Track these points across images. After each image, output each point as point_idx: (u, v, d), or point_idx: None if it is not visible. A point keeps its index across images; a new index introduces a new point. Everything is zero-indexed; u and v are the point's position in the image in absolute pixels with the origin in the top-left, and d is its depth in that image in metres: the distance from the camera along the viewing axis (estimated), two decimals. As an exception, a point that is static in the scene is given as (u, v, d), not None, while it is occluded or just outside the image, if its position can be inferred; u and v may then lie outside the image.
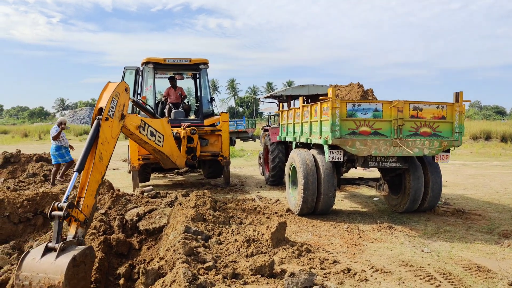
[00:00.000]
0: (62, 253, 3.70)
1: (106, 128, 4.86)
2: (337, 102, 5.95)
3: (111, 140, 4.96)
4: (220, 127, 9.93)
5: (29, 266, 3.63)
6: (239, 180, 11.54)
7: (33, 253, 3.74)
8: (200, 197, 6.38)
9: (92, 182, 4.48)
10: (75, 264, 3.65)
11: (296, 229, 6.08)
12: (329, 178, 6.48)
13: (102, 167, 4.68)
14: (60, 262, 3.59)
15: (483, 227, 6.13)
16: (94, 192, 4.50)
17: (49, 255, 3.67)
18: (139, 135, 6.23)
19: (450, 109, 6.20)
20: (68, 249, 3.78)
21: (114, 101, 5.07)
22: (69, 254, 3.67)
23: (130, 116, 5.94)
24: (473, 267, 4.39)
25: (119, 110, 5.21)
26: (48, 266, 3.59)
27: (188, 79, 11.73)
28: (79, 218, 4.14)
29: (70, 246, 3.85)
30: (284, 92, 10.54)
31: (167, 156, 7.62)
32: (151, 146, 6.92)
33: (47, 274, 3.55)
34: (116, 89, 5.13)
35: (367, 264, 4.46)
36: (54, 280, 3.52)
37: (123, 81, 5.38)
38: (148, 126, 6.56)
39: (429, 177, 6.75)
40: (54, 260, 3.61)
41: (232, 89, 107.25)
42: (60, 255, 3.66)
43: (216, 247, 4.77)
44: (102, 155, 4.69)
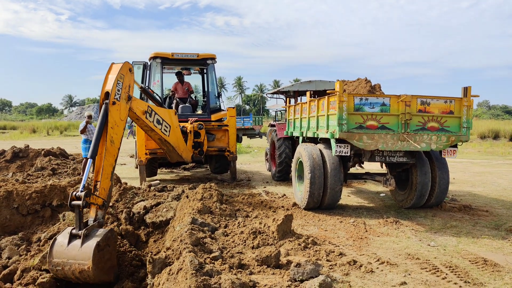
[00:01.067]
0: (86, 239, 4.02)
1: (114, 112, 4.95)
2: (345, 96, 5.94)
3: (120, 123, 5.07)
4: (227, 122, 9.96)
5: (58, 253, 4.00)
6: (245, 175, 11.55)
7: (60, 240, 4.06)
8: (207, 190, 6.41)
9: (106, 165, 4.66)
10: (100, 249, 4.00)
11: (302, 222, 6.09)
12: (335, 172, 6.48)
13: (114, 151, 4.84)
14: (86, 249, 3.95)
15: (490, 223, 6.09)
16: (109, 175, 4.69)
17: (75, 242, 4.01)
18: (145, 120, 6.28)
19: (458, 104, 6.17)
20: (91, 234, 4.09)
21: (120, 84, 5.13)
22: (93, 240, 4.00)
23: (137, 100, 6.02)
24: (480, 260, 4.38)
25: (125, 92, 5.27)
26: (76, 253, 3.96)
27: (196, 74, 11.75)
28: (97, 203, 4.35)
29: (93, 230, 4.15)
30: (291, 87, 10.54)
31: (173, 147, 7.65)
32: (157, 135, 6.97)
33: (76, 260, 3.95)
34: (120, 71, 5.17)
35: (373, 257, 4.46)
36: (84, 265, 3.92)
37: (127, 62, 5.40)
38: (155, 114, 6.61)
39: (436, 173, 6.72)
40: (81, 247, 3.96)
41: (239, 87, 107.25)
42: (85, 241, 4.00)
43: (222, 239, 4.80)
44: (113, 139, 4.83)
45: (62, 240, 4.06)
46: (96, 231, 4.17)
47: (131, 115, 5.86)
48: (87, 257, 3.92)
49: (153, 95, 8.12)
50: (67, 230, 4.13)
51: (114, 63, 5.40)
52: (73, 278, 4.05)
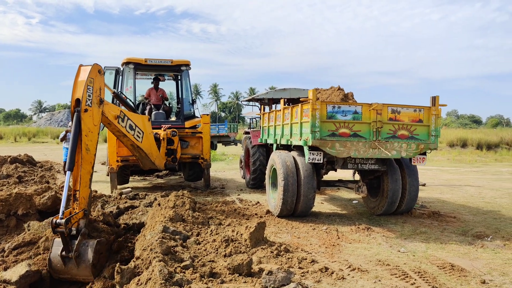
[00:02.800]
0: (80, 258, 4.28)
1: (87, 119, 4.86)
2: (318, 104, 6.00)
3: (94, 129, 5.01)
4: (201, 129, 9.89)
5: (59, 271, 4.32)
6: (219, 183, 11.48)
7: (54, 259, 4.33)
8: (179, 197, 6.33)
9: (84, 174, 4.68)
10: (95, 264, 4.34)
11: (276, 230, 6.08)
12: (309, 179, 6.51)
13: (91, 158, 4.84)
14: (84, 269, 4.29)
15: (458, 229, 6.25)
16: (87, 183, 4.76)
17: (70, 263, 4.27)
18: (117, 125, 6.15)
19: (427, 112, 6.33)
20: (82, 253, 4.32)
21: (90, 88, 4.98)
22: (87, 260, 4.29)
23: (109, 104, 5.90)
24: (447, 266, 4.47)
25: (96, 96, 5.13)
26: (77, 272, 4.31)
27: (170, 80, 11.64)
28: (78, 217, 4.48)
29: (81, 247, 4.35)
30: (266, 95, 10.58)
31: (145, 154, 7.52)
32: (129, 141, 6.84)
33: (80, 276, 4.35)
34: (89, 75, 5.01)
35: (344, 264, 4.49)
36: (87, 279, 4.35)
37: (96, 64, 5.25)
38: (127, 119, 6.49)
39: (407, 180, 6.86)
40: (78, 268, 4.28)
41: (214, 94, 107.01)
42: (80, 261, 4.27)
43: (194, 247, 4.73)
44: (88, 146, 4.80)
45: (57, 259, 4.29)
46: (85, 246, 4.37)
47: (103, 120, 5.73)
48: (88, 274, 4.30)
49: (126, 101, 7.98)
50: (56, 249, 4.33)
51: (82, 65, 5.24)
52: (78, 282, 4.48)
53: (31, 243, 5.06)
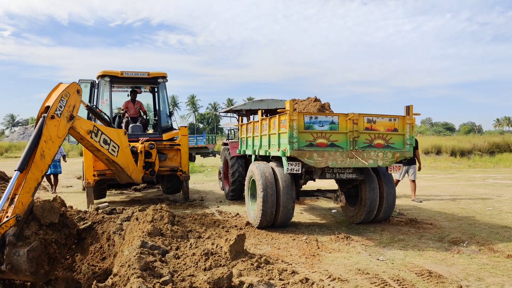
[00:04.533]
0: (15, 270, 3.93)
1: (52, 127, 4.69)
2: (295, 115, 6.06)
3: (56, 140, 4.80)
4: (179, 142, 9.82)
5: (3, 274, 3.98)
6: (198, 195, 11.39)
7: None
8: (157, 211, 6.23)
9: (31, 179, 4.33)
10: (35, 271, 4.01)
11: (256, 241, 6.06)
12: (288, 190, 6.53)
13: (43, 165, 4.53)
14: (25, 277, 3.99)
15: (435, 235, 6.37)
16: (31, 190, 4.33)
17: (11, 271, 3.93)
18: (90, 140, 6.03)
19: (402, 121, 6.47)
20: (15, 264, 3.93)
21: (63, 101, 4.90)
22: (23, 271, 3.93)
23: (81, 119, 5.80)
24: (425, 273, 4.54)
25: (68, 111, 5.03)
26: (20, 277, 4.04)
27: (147, 92, 11.55)
28: (10, 225, 4.02)
29: (13, 256, 3.93)
30: (244, 106, 10.62)
31: (121, 168, 7.41)
32: (104, 155, 6.71)
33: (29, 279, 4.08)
34: (66, 89, 4.97)
35: (324, 274, 4.51)
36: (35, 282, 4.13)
37: (75, 82, 5.21)
38: (101, 134, 6.37)
39: (384, 188, 6.97)
40: (18, 276, 3.97)
41: (192, 106, 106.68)
42: (17, 273, 3.94)
43: (173, 262, 4.65)
44: (44, 153, 4.54)
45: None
46: (17, 256, 3.94)
47: (75, 135, 5.62)
48: (31, 281, 4.08)
49: (101, 115, 7.87)
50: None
51: (61, 83, 5.20)
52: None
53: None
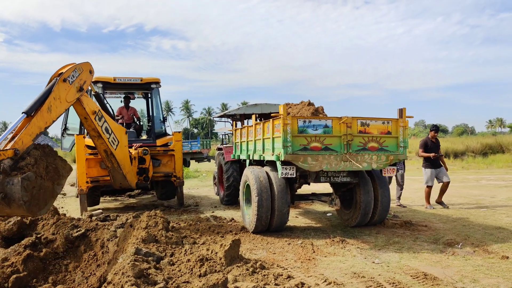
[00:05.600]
0: (8, 199, 3.75)
1: (62, 89, 4.88)
2: (288, 119, 6.06)
3: (63, 101, 4.95)
4: (173, 147, 9.79)
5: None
6: (193, 200, 11.36)
7: None
8: (152, 217, 6.19)
9: (34, 125, 4.40)
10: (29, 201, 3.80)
11: (251, 246, 6.03)
12: (282, 194, 6.52)
13: (48, 118, 4.65)
14: (18, 208, 3.77)
15: (429, 237, 6.38)
16: (33, 135, 4.38)
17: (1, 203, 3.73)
18: (94, 121, 6.24)
19: (395, 124, 6.49)
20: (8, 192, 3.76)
21: (76, 72, 5.13)
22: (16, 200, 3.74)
23: (89, 98, 6.10)
24: (421, 275, 4.54)
25: (78, 82, 5.24)
26: (11, 211, 3.81)
27: (140, 98, 11.52)
28: (7, 155, 3.95)
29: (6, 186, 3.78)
30: (238, 111, 10.61)
31: (118, 165, 7.38)
32: (104, 144, 6.77)
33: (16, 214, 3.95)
34: (81, 64, 5.21)
35: (320, 278, 4.49)
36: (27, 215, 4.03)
37: (89, 62, 5.52)
38: (104, 120, 6.53)
39: (378, 191, 6.98)
40: (11, 208, 3.76)
41: (186, 111, 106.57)
42: (10, 202, 3.75)
43: (168, 268, 4.62)
44: (51, 108, 4.68)
45: None
46: (10, 185, 3.80)
47: (80, 111, 5.90)
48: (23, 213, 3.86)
49: (107, 106, 7.94)
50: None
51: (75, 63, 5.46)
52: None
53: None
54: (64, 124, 10.34)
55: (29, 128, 4.33)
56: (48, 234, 5.84)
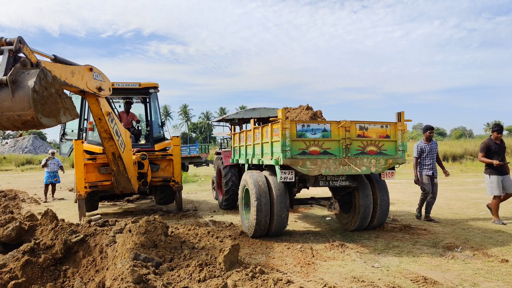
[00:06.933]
0: (16, 86, 3.47)
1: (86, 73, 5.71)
2: (287, 123, 6.06)
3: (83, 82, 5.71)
4: (172, 152, 9.78)
5: None
6: (192, 205, 11.33)
7: None
8: (150, 222, 6.17)
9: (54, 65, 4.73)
10: (37, 94, 3.50)
11: (250, 251, 6.02)
12: (281, 198, 6.51)
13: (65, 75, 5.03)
14: (21, 98, 3.43)
15: (429, 241, 6.37)
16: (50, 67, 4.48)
17: (2, 91, 3.45)
18: (108, 122, 6.67)
19: (393, 128, 6.50)
20: (19, 80, 3.51)
21: (100, 76, 5.98)
22: (25, 87, 3.46)
23: (105, 100, 6.60)
24: (420, 279, 4.53)
25: (100, 83, 6.07)
26: (11, 104, 3.43)
27: (138, 103, 11.52)
28: (31, 59, 3.88)
29: (20, 74, 3.57)
30: (236, 115, 10.62)
31: (124, 168, 7.45)
32: (114, 146, 6.96)
33: (14, 112, 3.44)
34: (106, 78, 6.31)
35: (320, 282, 4.48)
36: (26, 116, 3.43)
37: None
38: (115, 123, 6.82)
39: (377, 195, 6.97)
40: (13, 97, 3.43)
41: (185, 115, 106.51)
42: (16, 89, 3.46)
43: (167, 274, 4.61)
44: (74, 74, 5.28)
45: None
46: (24, 73, 3.58)
47: (97, 111, 6.43)
48: (26, 106, 3.43)
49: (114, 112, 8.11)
50: None
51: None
52: (15, 128, 3.63)
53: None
54: (63, 129, 10.34)
55: (48, 63, 4.60)
56: (47, 239, 5.81)
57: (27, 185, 19.57)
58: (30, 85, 3.45)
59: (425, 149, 8.37)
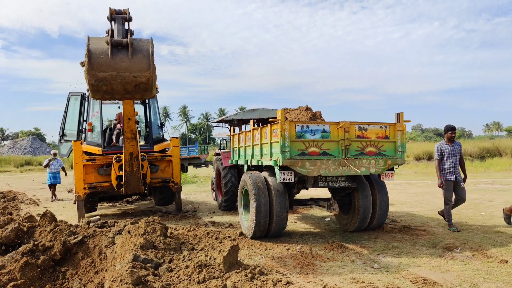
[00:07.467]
0: (133, 49, 3.86)
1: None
2: (286, 124, 6.06)
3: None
4: (171, 153, 9.78)
5: (103, 65, 3.68)
6: (191, 206, 11.32)
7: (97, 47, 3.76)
8: (150, 224, 6.17)
9: None
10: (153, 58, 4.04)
11: (249, 252, 6.01)
12: (281, 199, 6.51)
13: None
14: (140, 59, 3.84)
15: (428, 242, 6.37)
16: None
17: (120, 52, 3.80)
18: (134, 123, 6.74)
19: (393, 129, 6.50)
20: (135, 44, 3.92)
21: None
22: (144, 50, 3.93)
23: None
24: (420, 280, 4.53)
25: None
26: (129, 65, 3.78)
27: (137, 104, 11.50)
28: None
29: (135, 39, 4.00)
30: (235, 116, 10.61)
31: (138, 168, 7.72)
32: (134, 147, 7.29)
33: (131, 73, 3.81)
34: None
35: (319, 284, 4.47)
36: (142, 77, 3.81)
37: None
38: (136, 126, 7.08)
39: (377, 196, 6.97)
40: (131, 58, 3.80)
41: (184, 116, 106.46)
42: (134, 52, 3.85)
43: (166, 275, 4.60)
44: None
45: (100, 50, 3.71)
46: (137, 40, 3.99)
47: (129, 111, 6.24)
48: (144, 68, 3.82)
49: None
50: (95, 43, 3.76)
51: None
52: (123, 93, 3.86)
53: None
54: (62, 130, 10.33)
55: None
56: (46, 241, 5.80)
57: (26, 186, 19.55)
58: (148, 49, 3.86)
59: (445, 151, 7.49)
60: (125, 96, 4.14)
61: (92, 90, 4.01)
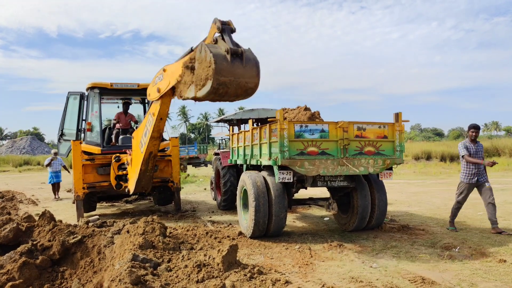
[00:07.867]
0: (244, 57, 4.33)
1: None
2: (285, 124, 6.07)
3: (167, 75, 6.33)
4: (170, 152, 9.77)
5: (224, 70, 4.23)
6: (190, 206, 11.32)
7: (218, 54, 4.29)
8: (149, 223, 6.17)
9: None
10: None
11: (248, 251, 6.02)
12: (280, 199, 6.52)
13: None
14: (251, 67, 4.37)
15: (427, 241, 6.39)
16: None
17: (236, 60, 4.28)
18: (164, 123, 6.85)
19: (391, 128, 6.51)
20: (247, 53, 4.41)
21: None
22: (252, 59, 4.43)
23: None
24: (418, 279, 4.54)
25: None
26: (243, 72, 4.31)
27: (137, 104, 11.50)
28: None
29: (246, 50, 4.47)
30: (235, 116, 10.62)
31: (152, 167, 7.86)
32: (156, 146, 7.27)
33: (244, 79, 4.32)
34: None
35: (318, 283, 4.48)
36: (251, 83, 4.38)
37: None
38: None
39: (375, 195, 6.98)
40: (244, 66, 4.31)
41: (183, 116, 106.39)
42: (246, 60, 4.33)
43: (165, 274, 4.60)
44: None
45: (222, 56, 4.24)
46: (247, 49, 4.49)
47: (164, 111, 6.56)
48: (254, 75, 4.37)
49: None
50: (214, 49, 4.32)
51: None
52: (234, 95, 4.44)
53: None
54: (61, 129, 10.32)
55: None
56: (44, 241, 5.80)
57: (24, 186, 19.52)
58: (255, 58, 4.38)
59: (470, 150, 7.05)
60: (230, 98, 4.61)
61: (211, 92, 4.40)
